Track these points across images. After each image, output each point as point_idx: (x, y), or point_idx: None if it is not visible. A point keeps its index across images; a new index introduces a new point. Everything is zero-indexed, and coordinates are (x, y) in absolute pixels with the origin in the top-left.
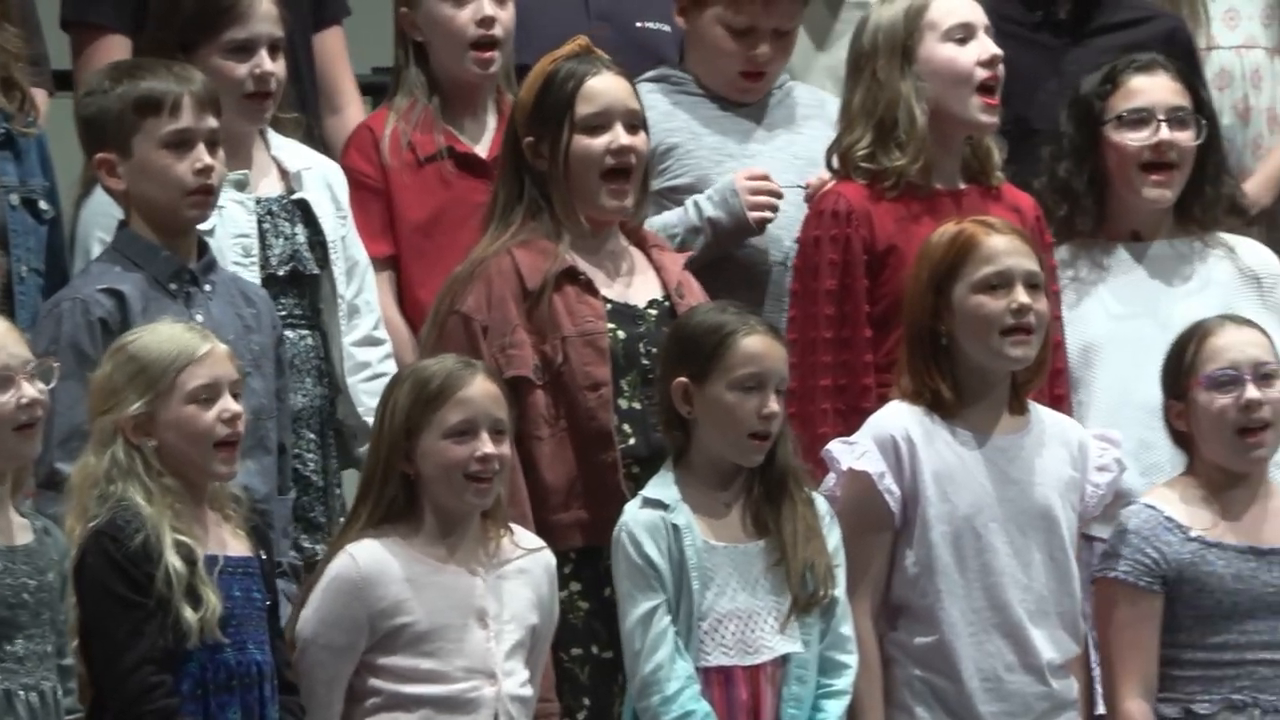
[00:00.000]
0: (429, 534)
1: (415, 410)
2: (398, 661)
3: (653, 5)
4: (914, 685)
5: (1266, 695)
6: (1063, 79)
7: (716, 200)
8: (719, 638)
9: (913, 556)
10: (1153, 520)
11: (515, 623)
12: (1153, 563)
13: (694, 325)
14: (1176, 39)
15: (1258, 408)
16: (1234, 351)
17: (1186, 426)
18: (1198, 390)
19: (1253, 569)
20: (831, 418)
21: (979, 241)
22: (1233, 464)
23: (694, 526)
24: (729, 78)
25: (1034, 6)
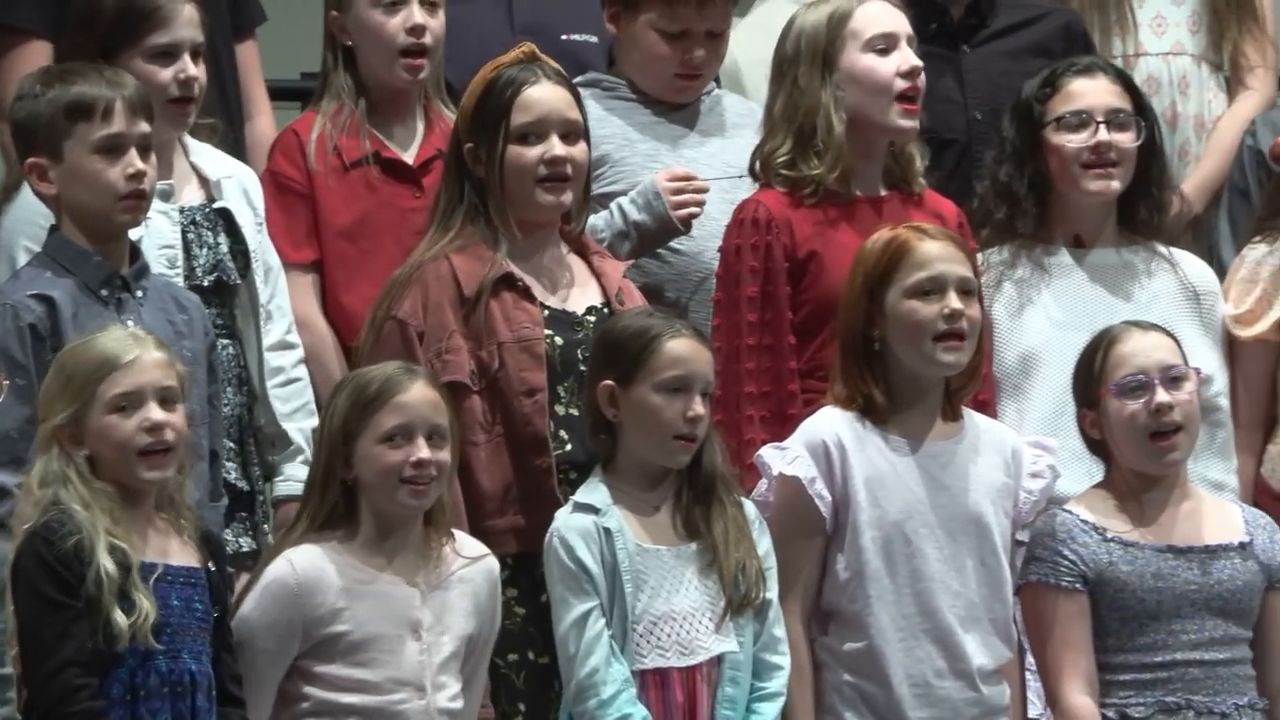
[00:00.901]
0: (368, 541)
1: (353, 415)
2: (330, 670)
3: (579, 17)
4: (844, 690)
5: (1199, 696)
6: (964, 87)
7: (640, 204)
8: (654, 640)
9: (843, 562)
10: (1069, 523)
11: (450, 634)
12: (1070, 564)
13: (620, 329)
14: (1073, 32)
15: (1168, 411)
16: (1141, 357)
17: (1100, 434)
18: (1108, 398)
19: (1173, 568)
20: (757, 424)
21: (913, 247)
22: (1147, 468)
23: (626, 530)
24: (664, 81)
25: (928, 18)
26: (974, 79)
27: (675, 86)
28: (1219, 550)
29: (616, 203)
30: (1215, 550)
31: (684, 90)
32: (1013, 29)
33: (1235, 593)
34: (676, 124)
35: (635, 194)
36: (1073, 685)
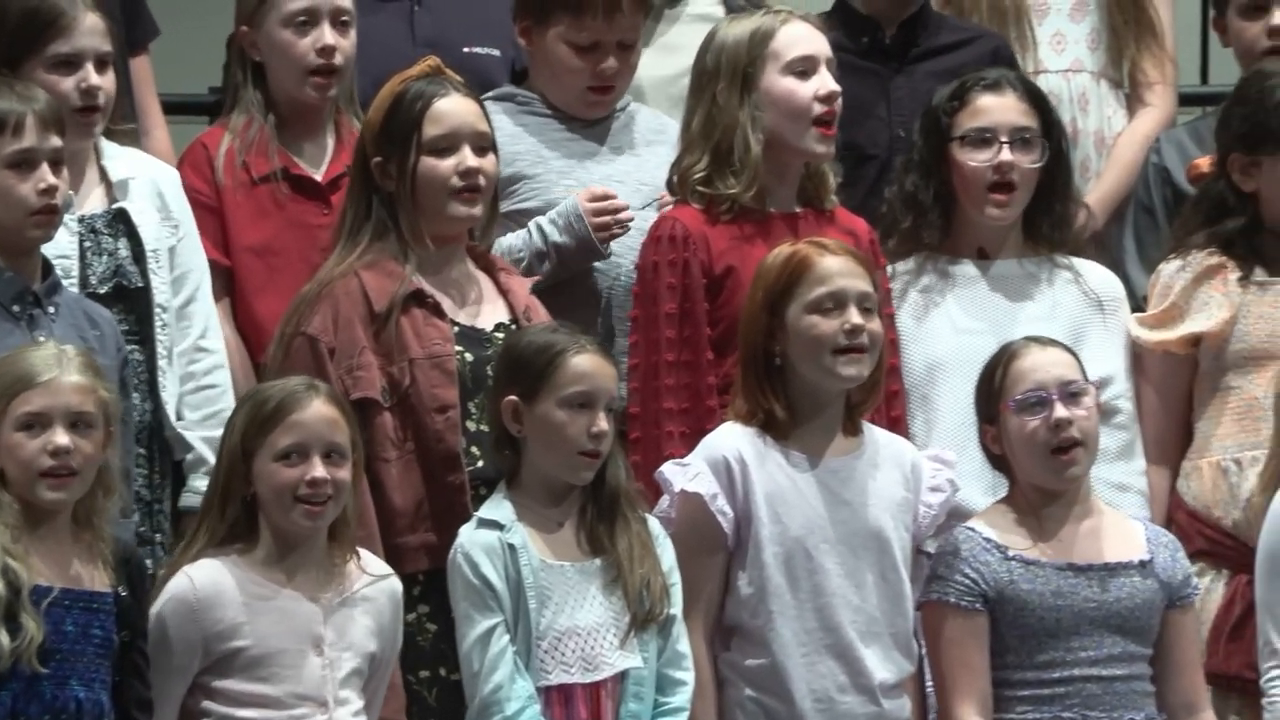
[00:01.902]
0: (268, 557)
1: (250, 432)
2: (230, 685)
3: (480, 30)
4: (746, 706)
5: (1096, 713)
6: (890, 104)
7: (561, 225)
8: (558, 656)
9: (745, 578)
10: (971, 542)
11: (353, 651)
12: (972, 583)
13: (524, 345)
14: (1000, 59)
15: (1066, 427)
16: (1040, 373)
17: (1001, 449)
18: (1008, 414)
19: (1073, 585)
20: (676, 440)
21: (813, 263)
22: (1048, 483)
23: (530, 545)
24: (576, 94)
25: (859, 34)
26: (900, 97)
27: (588, 100)
28: (1119, 568)
29: (535, 223)
30: (1115, 568)
31: (596, 104)
32: (943, 50)
33: (1134, 610)
34: (590, 140)
35: (555, 214)
36: (967, 706)
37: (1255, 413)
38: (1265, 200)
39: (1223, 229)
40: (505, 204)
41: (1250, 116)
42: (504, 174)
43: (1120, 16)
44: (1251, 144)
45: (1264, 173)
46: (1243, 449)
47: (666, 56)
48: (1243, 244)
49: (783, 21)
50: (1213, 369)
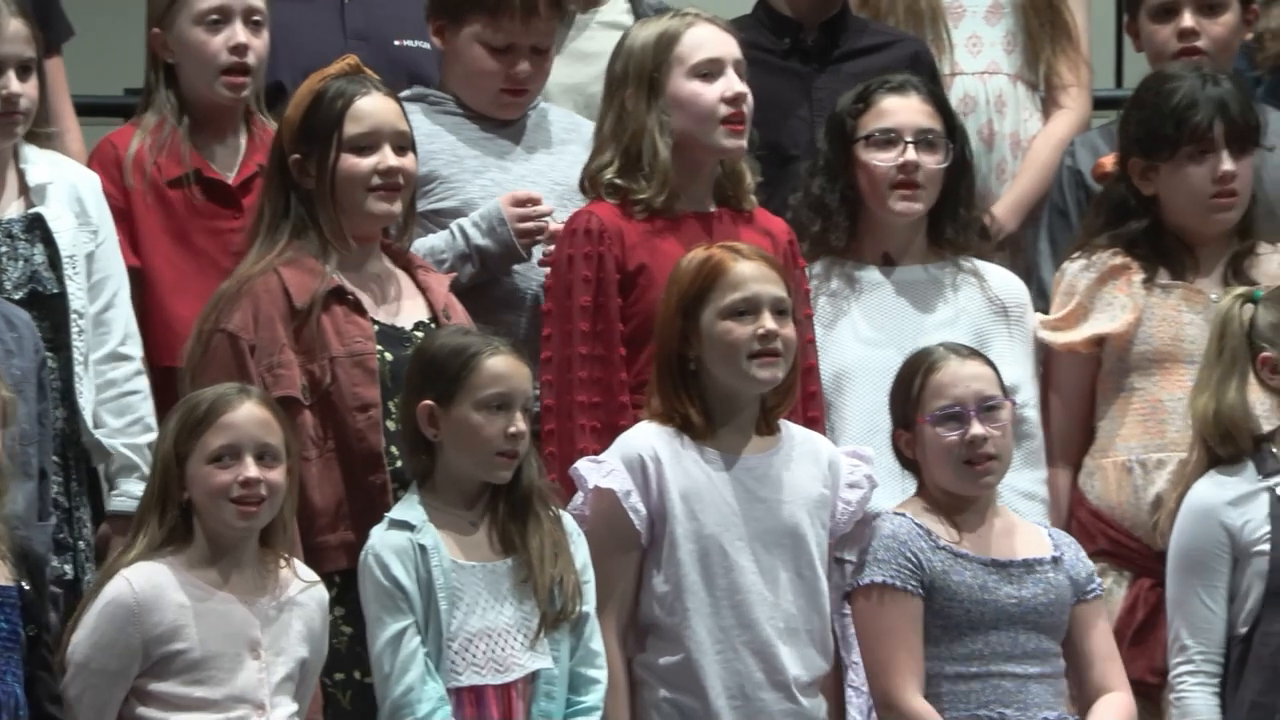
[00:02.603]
0: (204, 560)
1: (183, 435)
2: (168, 688)
3: (411, 24)
4: (661, 706)
5: (1011, 710)
6: (812, 105)
7: (484, 228)
8: (469, 657)
9: (660, 576)
10: (906, 527)
11: (287, 655)
12: (913, 567)
13: (437, 348)
14: (920, 62)
15: (982, 443)
16: (958, 388)
17: (914, 455)
18: (924, 426)
19: (995, 581)
20: (589, 435)
21: (727, 268)
22: (961, 490)
23: (441, 546)
24: (489, 95)
25: (781, 34)
26: (822, 97)
27: (501, 102)
28: (1034, 564)
29: (458, 225)
30: (1031, 564)
31: (509, 106)
32: (864, 53)
33: (1049, 606)
34: (504, 139)
35: (478, 217)
36: (910, 689)
37: (1159, 414)
38: (1165, 204)
39: (1126, 231)
40: (421, 204)
41: (1147, 121)
42: (420, 173)
43: (1035, 19)
44: (1149, 149)
45: (1162, 177)
46: (1147, 450)
47: (577, 63)
48: (1145, 246)
49: (688, 25)
50: (1116, 369)
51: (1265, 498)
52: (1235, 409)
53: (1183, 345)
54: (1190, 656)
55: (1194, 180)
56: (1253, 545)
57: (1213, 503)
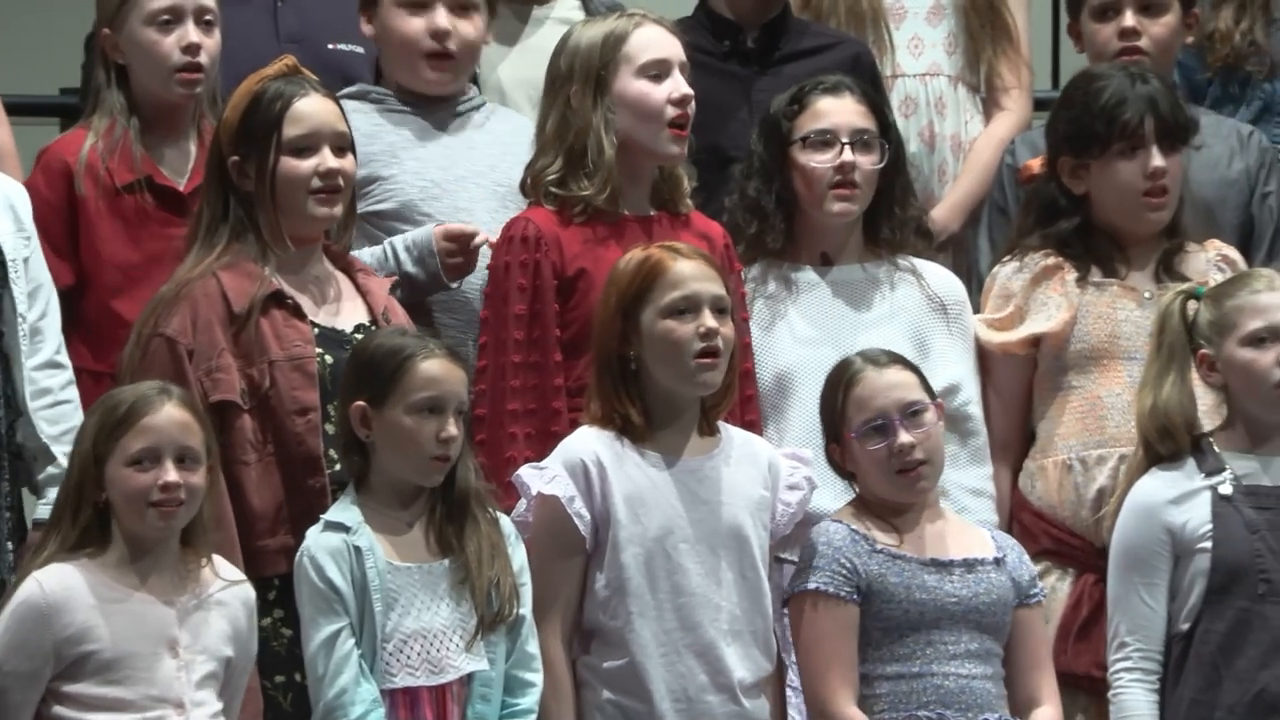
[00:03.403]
0: (120, 561)
1: (101, 437)
2: (83, 689)
3: (344, 27)
4: (605, 709)
5: (952, 711)
6: (753, 107)
7: (415, 256)
8: (404, 658)
9: (604, 579)
10: (842, 533)
11: (208, 654)
12: (848, 573)
13: (373, 349)
14: (861, 64)
15: (910, 451)
16: (879, 399)
17: (847, 465)
18: (851, 441)
19: (936, 580)
20: (522, 442)
21: (666, 267)
22: (897, 498)
23: (376, 548)
24: (418, 66)
25: (722, 36)
26: (761, 100)
27: (429, 73)
28: (976, 564)
29: (390, 245)
30: (974, 564)
31: (439, 77)
32: (805, 55)
33: (991, 606)
34: (448, 137)
35: (411, 243)
36: (844, 697)
37: (1098, 411)
38: (1095, 202)
39: (1057, 230)
40: (360, 205)
41: (1076, 120)
42: (360, 175)
43: (976, 21)
44: (1078, 147)
45: (1092, 175)
46: (1087, 448)
47: (530, 58)
48: (1077, 245)
49: (636, 25)
50: (1053, 369)
51: (1207, 496)
52: (1173, 406)
53: (1119, 342)
54: (1129, 654)
55: (1125, 177)
56: (1194, 543)
57: (1154, 501)
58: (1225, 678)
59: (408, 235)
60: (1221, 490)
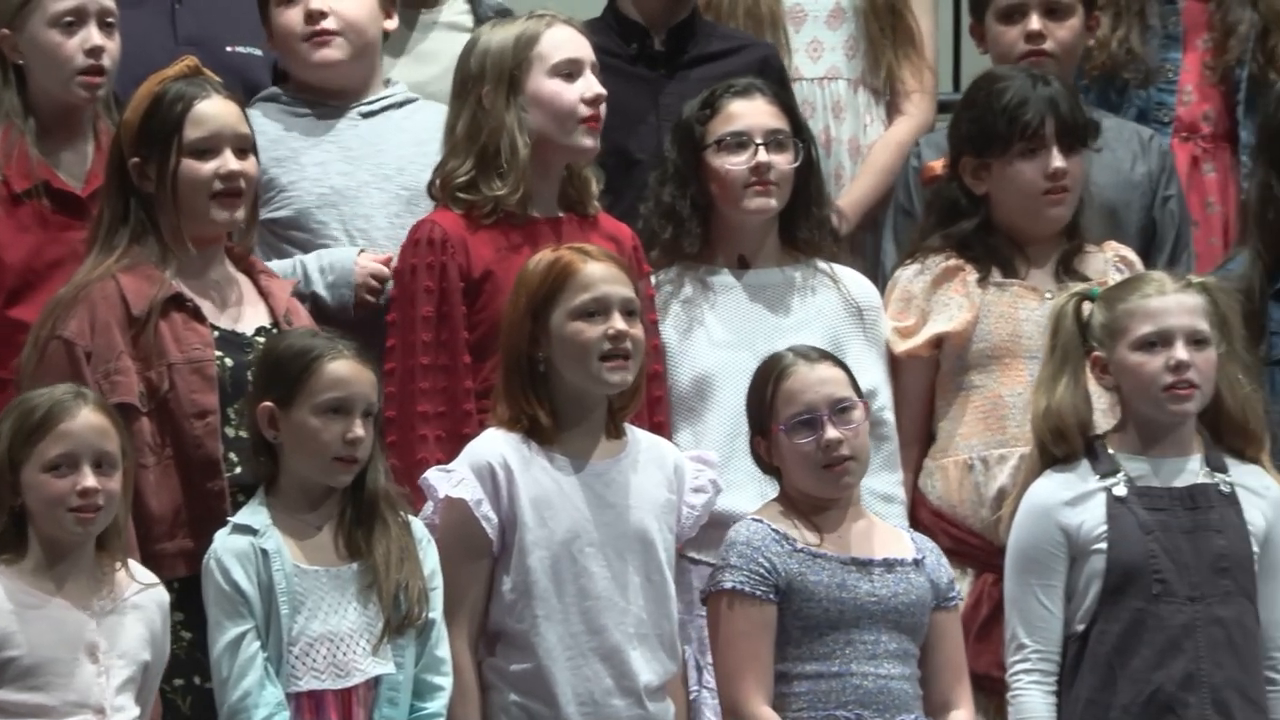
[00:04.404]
0: (37, 567)
1: (17, 442)
2: (3, 696)
3: (243, 30)
4: (511, 711)
5: (868, 712)
6: (660, 110)
7: (329, 281)
8: (310, 662)
9: (510, 583)
10: (761, 532)
11: (127, 659)
12: (766, 572)
13: (281, 349)
14: (769, 67)
15: (838, 446)
16: (810, 393)
17: (773, 460)
18: (779, 434)
19: (855, 579)
20: (432, 444)
21: (576, 269)
22: (822, 493)
23: (284, 551)
24: (304, 54)
25: (629, 38)
26: (669, 102)
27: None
28: (896, 564)
29: (302, 263)
30: (893, 564)
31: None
32: (712, 58)
33: (910, 607)
34: (357, 138)
35: (327, 266)
36: (757, 697)
37: (1000, 411)
38: (996, 202)
39: (957, 230)
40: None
41: (978, 120)
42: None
43: (876, 24)
44: (980, 147)
45: (993, 175)
46: (989, 447)
47: (419, 64)
48: (978, 245)
49: (547, 25)
50: (955, 369)
51: (1101, 497)
52: (1066, 408)
53: (1020, 341)
54: (1027, 655)
55: (1025, 177)
56: (1089, 545)
57: (1049, 502)
58: (1120, 678)
59: (323, 256)
60: (1115, 492)
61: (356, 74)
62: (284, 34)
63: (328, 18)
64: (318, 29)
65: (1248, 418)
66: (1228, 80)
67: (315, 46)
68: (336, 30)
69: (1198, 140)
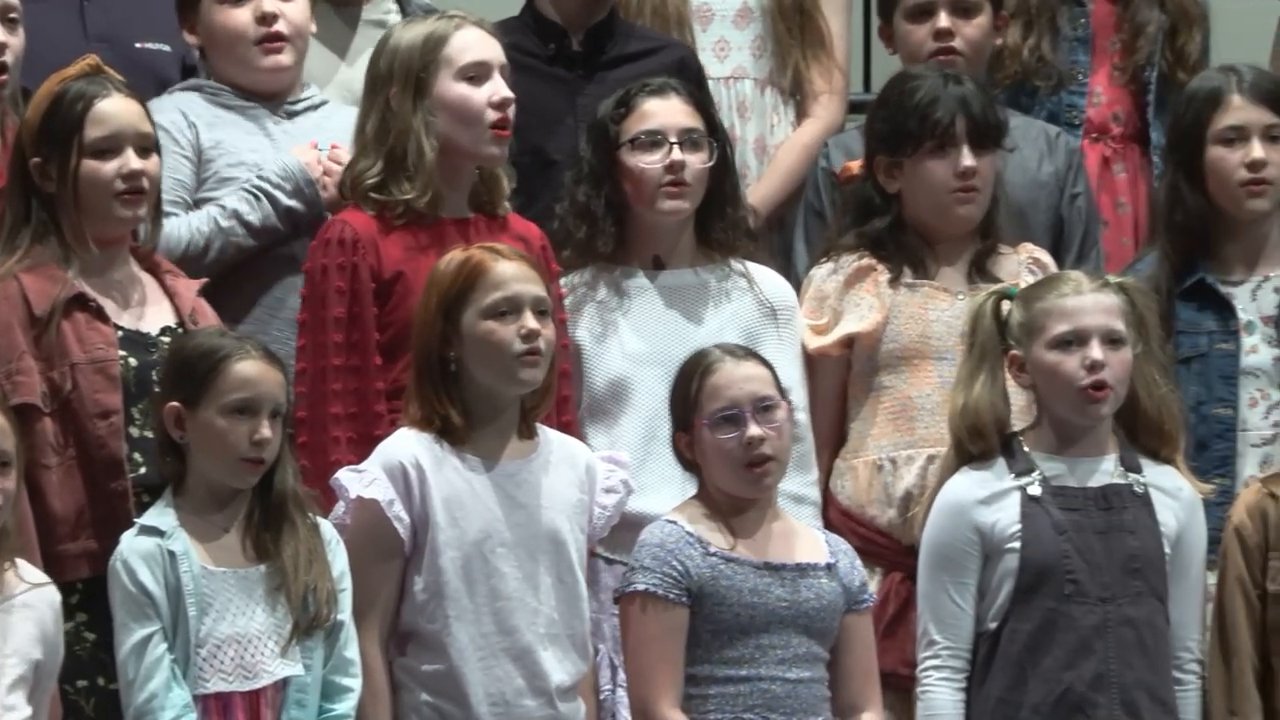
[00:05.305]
0: None
1: None
2: None
3: (152, 26)
4: (422, 711)
5: (777, 714)
6: (578, 111)
7: (290, 189)
8: (217, 663)
9: (422, 583)
10: (675, 535)
11: (18, 657)
12: (679, 575)
13: (188, 349)
14: (687, 68)
15: (759, 444)
16: (733, 389)
17: (693, 456)
18: (702, 429)
19: (767, 584)
20: (344, 446)
21: (488, 268)
22: (742, 492)
23: (191, 552)
24: (253, 57)
25: (548, 39)
26: (587, 103)
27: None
28: (808, 569)
29: (257, 187)
30: (805, 569)
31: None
32: (630, 59)
33: (821, 611)
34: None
35: (283, 176)
36: (667, 699)
37: (909, 412)
38: (908, 201)
39: (870, 229)
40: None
41: (890, 118)
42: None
43: (783, 25)
44: (892, 146)
45: (905, 174)
46: (897, 448)
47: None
48: (890, 244)
49: (456, 27)
50: (866, 369)
51: (1016, 496)
52: (983, 406)
53: (930, 342)
54: (937, 652)
55: (935, 175)
56: (1003, 543)
57: (964, 501)
58: (1031, 677)
59: (268, 173)
60: (1030, 491)
61: (295, 79)
62: (230, 34)
63: (279, 20)
64: (271, 32)
65: (1163, 418)
66: (1137, 81)
67: (267, 52)
68: (289, 35)
69: (1108, 141)
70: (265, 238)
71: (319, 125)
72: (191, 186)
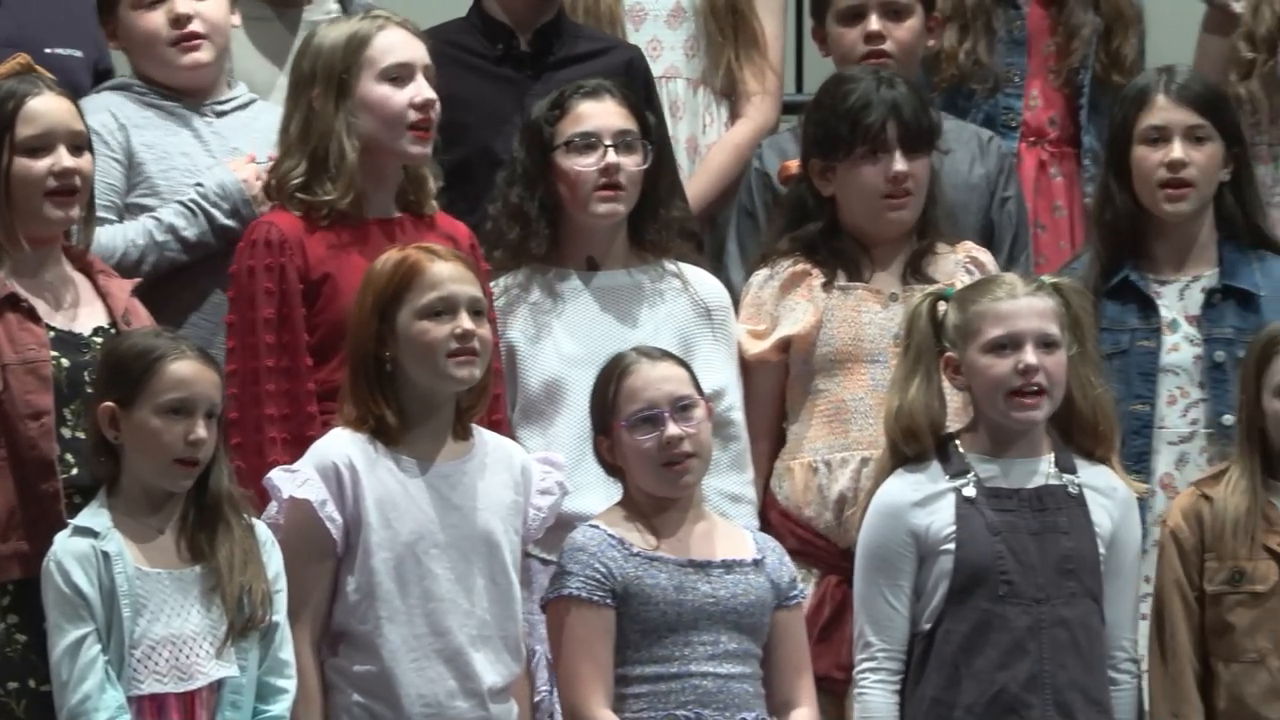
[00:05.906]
0: None
1: None
2: None
3: (63, 31)
4: (354, 711)
5: (709, 710)
6: (525, 112)
7: (228, 209)
8: (152, 665)
9: (354, 583)
10: (597, 538)
11: None
12: (602, 577)
13: (123, 349)
14: (634, 69)
15: (678, 443)
16: (651, 390)
17: (615, 459)
18: (621, 431)
19: (693, 581)
20: (279, 447)
21: (424, 268)
22: (663, 492)
23: (125, 554)
24: (169, 58)
25: (495, 39)
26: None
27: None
28: (734, 565)
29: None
30: (731, 565)
31: (192, 59)
32: (577, 60)
33: (749, 607)
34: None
35: (220, 194)
36: (596, 700)
37: (843, 415)
38: (841, 205)
39: (804, 233)
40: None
41: (824, 122)
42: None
43: (716, 25)
44: (827, 149)
45: (838, 177)
46: (832, 450)
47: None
48: (824, 248)
49: (379, 27)
50: (802, 373)
51: (951, 498)
52: (918, 408)
53: (863, 345)
54: (873, 654)
55: (867, 180)
56: (938, 545)
57: (899, 503)
58: (965, 677)
59: (206, 189)
60: (965, 493)
61: (217, 75)
62: (145, 37)
63: (194, 20)
64: (186, 32)
65: (1098, 419)
66: (1072, 84)
67: (184, 50)
68: (204, 34)
69: (1045, 145)
70: (199, 252)
71: (247, 125)
72: (122, 190)
